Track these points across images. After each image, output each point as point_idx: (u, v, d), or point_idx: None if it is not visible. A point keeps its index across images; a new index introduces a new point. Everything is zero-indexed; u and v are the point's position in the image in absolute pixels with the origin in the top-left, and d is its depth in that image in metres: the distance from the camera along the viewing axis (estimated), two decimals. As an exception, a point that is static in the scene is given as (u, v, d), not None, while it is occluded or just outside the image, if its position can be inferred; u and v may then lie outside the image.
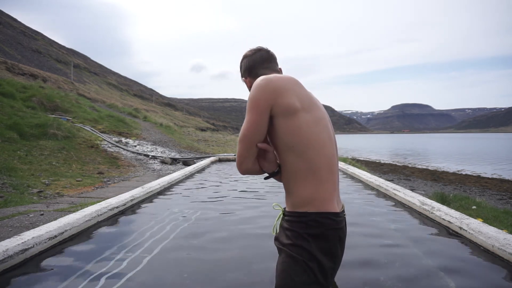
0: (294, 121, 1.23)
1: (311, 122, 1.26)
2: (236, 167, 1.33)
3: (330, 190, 1.25)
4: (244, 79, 1.54)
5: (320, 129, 1.27)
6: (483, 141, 65.13)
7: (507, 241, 1.92)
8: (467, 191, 9.45)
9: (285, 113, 1.23)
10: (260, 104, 1.23)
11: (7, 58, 36.86)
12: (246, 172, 1.32)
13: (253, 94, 1.26)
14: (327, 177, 1.24)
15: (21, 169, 6.32)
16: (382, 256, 2.02)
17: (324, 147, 1.26)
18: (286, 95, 1.24)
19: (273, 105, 1.23)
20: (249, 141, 1.26)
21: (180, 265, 1.93)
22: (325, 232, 1.20)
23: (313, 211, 1.21)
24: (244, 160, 1.29)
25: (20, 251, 1.85)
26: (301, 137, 1.23)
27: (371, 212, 3.18)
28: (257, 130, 1.25)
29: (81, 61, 73.84)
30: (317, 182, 1.23)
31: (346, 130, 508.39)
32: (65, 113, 14.85)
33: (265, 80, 1.26)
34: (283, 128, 1.24)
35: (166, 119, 36.42)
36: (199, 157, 10.61)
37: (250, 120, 1.25)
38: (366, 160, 20.61)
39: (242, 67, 1.53)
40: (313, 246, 1.19)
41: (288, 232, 1.23)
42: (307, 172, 1.23)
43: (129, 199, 3.32)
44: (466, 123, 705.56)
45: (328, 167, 1.25)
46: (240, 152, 1.29)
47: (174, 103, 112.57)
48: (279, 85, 1.25)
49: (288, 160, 1.26)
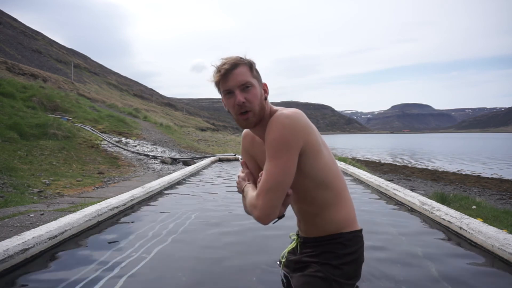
0: (321, 158, 1.19)
1: (329, 154, 1.25)
2: (259, 220, 1.18)
3: (353, 208, 1.29)
4: (261, 81, 1.26)
5: (333, 158, 1.28)
6: (483, 141, 65.12)
7: (507, 241, 1.92)
8: (467, 191, 9.45)
9: (313, 151, 1.16)
10: (291, 146, 1.10)
11: (7, 58, 36.86)
12: (270, 222, 1.20)
13: (282, 135, 1.10)
14: (349, 197, 1.28)
15: (21, 169, 6.32)
16: (382, 256, 2.02)
17: (339, 171, 1.28)
18: (311, 132, 1.16)
19: (303, 145, 1.13)
20: (284, 188, 1.13)
21: (180, 265, 1.93)
22: (358, 250, 1.25)
23: (346, 231, 1.24)
24: (274, 210, 1.16)
25: (20, 251, 1.85)
26: (329, 171, 1.21)
27: (371, 212, 3.18)
28: (291, 174, 1.13)
29: (81, 61, 73.83)
30: (345, 205, 1.25)
31: (346, 130, 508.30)
32: (65, 113, 14.86)
33: (290, 118, 1.12)
34: (313, 165, 1.17)
35: (166, 119, 36.40)
36: (199, 157, 10.61)
37: (283, 165, 1.10)
38: (366, 160, 20.60)
39: (257, 71, 1.26)
40: (345, 269, 1.21)
41: (318, 256, 1.24)
42: (336, 200, 1.24)
43: (129, 199, 3.32)
44: (466, 123, 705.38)
45: (346, 186, 1.29)
46: (270, 203, 1.14)
47: (174, 103, 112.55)
48: (305, 122, 1.15)
49: (318, 194, 1.23)
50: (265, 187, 1.13)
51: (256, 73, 1.24)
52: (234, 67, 1.17)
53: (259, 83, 1.24)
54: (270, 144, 1.12)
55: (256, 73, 1.24)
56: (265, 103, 1.24)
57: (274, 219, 1.19)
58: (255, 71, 1.24)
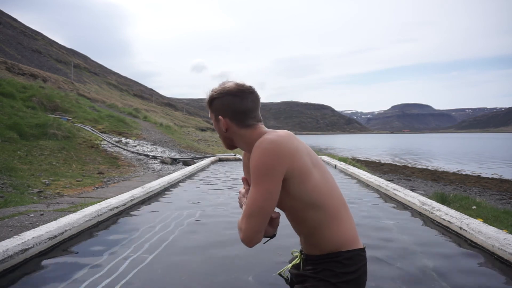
0: (310, 180, 1.17)
1: (321, 174, 1.21)
2: (243, 243, 1.19)
3: (353, 227, 1.24)
4: (218, 116, 1.27)
5: (327, 175, 1.24)
6: (483, 141, 65.11)
7: (507, 241, 1.92)
8: (467, 191, 9.45)
9: (299, 174, 1.16)
10: (274, 172, 1.12)
11: (7, 58, 36.85)
12: (255, 245, 1.21)
13: (264, 161, 1.12)
14: (346, 215, 1.23)
15: (21, 169, 6.32)
16: (382, 256, 2.02)
17: (335, 189, 1.24)
18: (297, 156, 1.16)
19: (287, 170, 1.14)
20: (266, 214, 1.16)
21: (180, 265, 1.93)
22: (358, 269, 1.21)
23: (345, 250, 1.20)
24: (257, 235, 1.18)
25: (20, 251, 1.85)
26: (320, 192, 1.18)
27: (371, 212, 3.17)
28: (274, 200, 1.14)
29: (81, 61, 73.83)
30: (341, 224, 1.21)
31: (346, 130, 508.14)
32: (65, 113, 14.85)
33: (273, 143, 1.13)
34: (300, 188, 1.17)
35: (166, 119, 36.39)
36: (199, 157, 10.61)
37: (265, 190, 1.13)
38: (366, 160, 20.59)
39: (223, 105, 1.27)
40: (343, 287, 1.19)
41: (318, 274, 1.22)
42: (330, 220, 1.20)
43: (129, 199, 3.32)
44: (466, 123, 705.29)
45: (343, 205, 1.24)
46: (253, 228, 1.16)
47: (174, 103, 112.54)
48: (289, 146, 1.15)
49: (309, 216, 1.21)
50: (248, 212, 1.16)
51: (216, 107, 1.28)
52: (207, 104, 1.33)
53: (216, 116, 1.29)
54: (252, 170, 1.14)
55: (215, 107, 1.29)
56: (232, 133, 1.30)
57: (258, 242, 1.22)
58: (214, 106, 1.29)
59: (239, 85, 1.28)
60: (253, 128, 1.28)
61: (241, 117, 1.27)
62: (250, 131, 1.28)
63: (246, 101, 1.27)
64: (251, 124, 1.28)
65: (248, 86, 1.30)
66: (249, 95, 1.27)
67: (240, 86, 1.27)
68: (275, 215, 1.21)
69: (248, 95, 1.27)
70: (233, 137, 1.31)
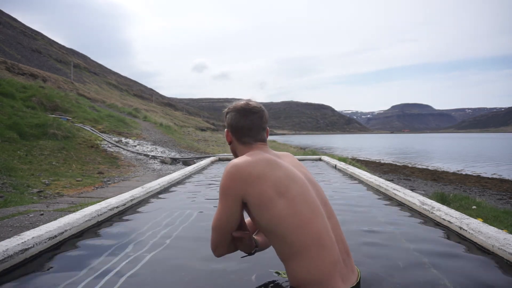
0: (270, 209, 1.13)
1: (289, 205, 1.13)
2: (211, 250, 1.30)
3: (326, 268, 1.10)
4: (226, 129, 1.46)
5: (300, 208, 1.14)
6: (484, 142, 65.11)
7: (507, 241, 1.92)
8: (467, 191, 9.45)
9: (258, 203, 1.14)
10: (229, 194, 1.17)
11: (7, 58, 36.84)
12: (221, 256, 1.33)
13: (223, 182, 1.20)
14: (318, 255, 1.10)
15: (21, 169, 6.32)
16: (381, 256, 2.02)
17: (308, 224, 1.12)
18: (257, 183, 1.14)
19: (243, 195, 1.16)
20: (222, 230, 1.23)
21: (180, 265, 1.93)
22: None
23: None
24: (217, 247, 1.28)
25: (20, 251, 1.85)
26: (279, 224, 1.13)
27: (370, 212, 3.17)
28: (228, 219, 1.20)
29: (81, 61, 73.80)
30: (306, 263, 1.10)
31: (346, 130, 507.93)
32: (65, 113, 14.85)
33: (235, 167, 1.18)
34: (259, 215, 1.16)
35: (166, 119, 36.39)
36: (199, 157, 10.61)
37: (220, 209, 1.21)
38: (366, 160, 20.60)
39: (228, 119, 1.41)
40: None
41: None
42: (294, 255, 1.12)
43: (129, 199, 3.32)
44: (466, 123, 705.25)
45: (319, 243, 1.11)
46: (213, 240, 1.27)
47: (174, 103, 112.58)
48: (250, 172, 1.15)
49: (274, 243, 1.20)
50: (211, 226, 1.27)
51: (226, 120, 1.43)
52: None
53: (226, 128, 1.46)
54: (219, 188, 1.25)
55: (226, 120, 1.44)
56: (234, 146, 1.46)
57: (222, 254, 1.33)
58: (226, 119, 1.44)
59: (246, 104, 1.36)
60: (248, 146, 1.37)
61: (238, 133, 1.38)
62: (245, 148, 1.38)
63: (244, 119, 1.34)
64: (247, 142, 1.37)
65: (254, 106, 1.36)
66: (251, 114, 1.33)
67: (246, 105, 1.35)
68: (238, 234, 1.23)
69: (249, 114, 1.33)
70: (236, 150, 1.47)
